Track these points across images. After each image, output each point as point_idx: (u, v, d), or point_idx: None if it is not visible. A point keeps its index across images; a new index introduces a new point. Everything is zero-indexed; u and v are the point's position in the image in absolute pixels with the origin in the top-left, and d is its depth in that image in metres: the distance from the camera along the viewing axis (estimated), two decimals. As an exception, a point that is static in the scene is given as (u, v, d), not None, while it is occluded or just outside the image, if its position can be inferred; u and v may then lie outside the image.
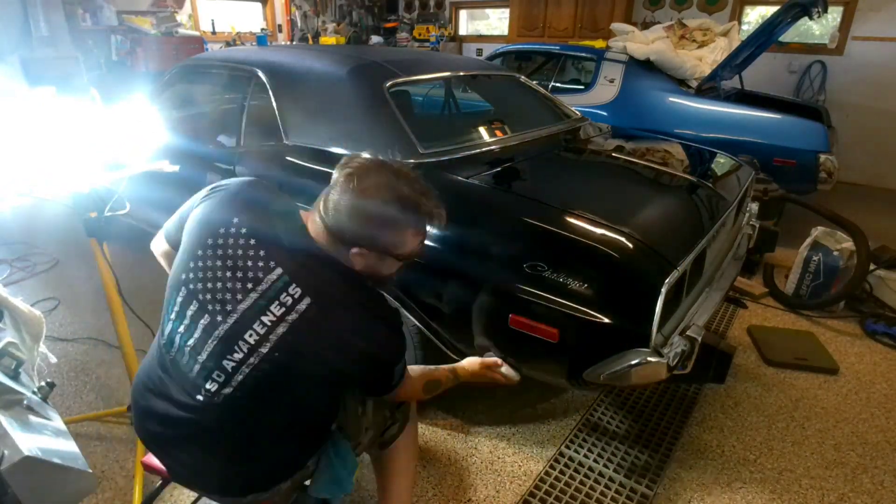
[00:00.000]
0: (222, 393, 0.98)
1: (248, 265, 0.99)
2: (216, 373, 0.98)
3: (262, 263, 0.98)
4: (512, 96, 2.73)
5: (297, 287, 0.97)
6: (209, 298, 1.00)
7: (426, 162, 1.75)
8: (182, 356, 1.02)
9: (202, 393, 0.99)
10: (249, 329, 0.97)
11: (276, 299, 0.97)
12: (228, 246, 1.01)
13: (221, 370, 0.98)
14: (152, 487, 1.64)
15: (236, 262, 0.99)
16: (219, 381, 0.98)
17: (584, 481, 1.69)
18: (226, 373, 0.98)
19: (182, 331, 1.02)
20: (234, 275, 0.99)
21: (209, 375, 0.99)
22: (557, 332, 1.39)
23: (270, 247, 1.00)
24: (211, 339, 0.99)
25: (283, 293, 0.97)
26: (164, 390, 1.04)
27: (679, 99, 3.77)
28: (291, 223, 1.04)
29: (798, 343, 2.44)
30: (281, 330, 0.96)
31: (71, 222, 2.98)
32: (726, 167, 2.25)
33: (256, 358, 0.97)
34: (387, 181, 0.98)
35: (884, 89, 4.77)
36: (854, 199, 4.64)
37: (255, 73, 2.16)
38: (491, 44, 6.76)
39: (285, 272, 0.98)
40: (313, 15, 7.10)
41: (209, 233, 1.03)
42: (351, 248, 0.99)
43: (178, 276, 1.05)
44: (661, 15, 5.64)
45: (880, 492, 1.70)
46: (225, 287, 0.99)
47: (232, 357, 0.97)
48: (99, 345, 2.34)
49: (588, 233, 1.44)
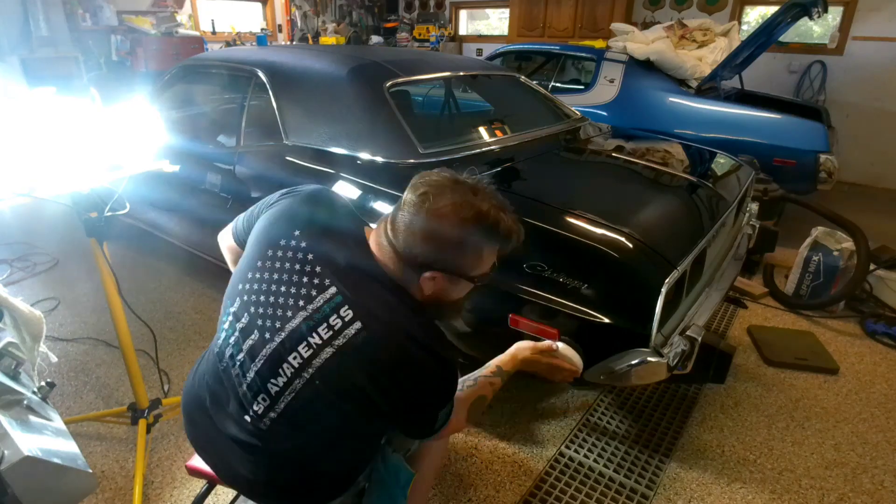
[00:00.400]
0: (269, 416, 0.94)
1: (302, 281, 0.93)
2: (262, 395, 0.94)
3: (318, 281, 0.93)
4: (512, 96, 2.73)
5: (350, 310, 0.90)
6: (260, 313, 0.95)
7: (426, 162, 1.75)
8: (232, 370, 0.99)
9: (250, 414, 0.96)
10: (294, 351, 0.91)
11: (325, 321, 0.90)
12: (286, 259, 0.96)
13: (266, 393, 0.94)
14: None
15: (291, 277, 0.94)
16: (264, 404, 0.94)
17: (584, 481, 1.69)
18: (270, 397, 0.94)
19: (232, 343, 0.99)
20: (288, 290, 0.94)
21: (255, 396, 0.95)
22: (557, 333, 1.39)
23: (328, 264, 0.94)
24: (258, 358, 0.95)
25: (334, 315, 0.90)
26: (216, 398, 1.02)
27: (679, 99, 3.77)
28: (354, 241, 0.97)
29: (798, 343, 2.44)
30: (325, 355, 0.89)
31: (71, 222, 2.98)
32: (726, 167, 2.25)
33: (298, 383, 0.91)
34: (464, 199, 0.89)
35: (884, 89, 4.77)
36: (854, 199, 4.64)
37: (255, 73, 2.16)
38: (491, 44, 6.76)
39: (339, 292, 0.91)
40: (313, 15, 7.10)
41: (270, 244, 0.99)
42: (423, 273, 0.92)
43: (236, 285, 1.02)
44: (661, 15, 5.64)
45: (880, 492, 1.70)
46: (277, 303, 0.94)
47: (276, 381, 0.93)
48: (99, 345, 2.34)
49: (588, 233, 1.44)
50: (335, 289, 0.92)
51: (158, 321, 2.46)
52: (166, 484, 1.65)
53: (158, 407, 1.75)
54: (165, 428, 1.84)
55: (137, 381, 1.68)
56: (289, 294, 0.94)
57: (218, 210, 2.22)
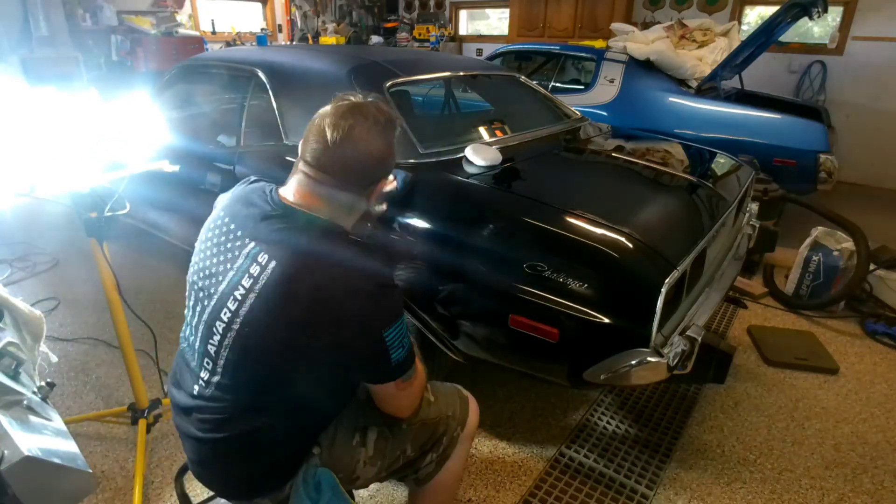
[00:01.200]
0: (212, 381, 0.97)
1: (227, 247, 0.99)
2: (206, 360, 0.98)
3: (239, 242, 0.97)
4: (512, 96, 2.73)
5: (265, 253, 0.93)
6: (199, 286, 1.01)
7: (426, 162, 1.75)
8: (188, 347, 1.05)
9: (199, 382, 1.00)
10: (224, 307, 0.95)
11: (246, 272, 0.93)
12: (214, 236, 1.02)
13: (209, 356, 0.97)
14: (152, 487, 1.64)
15: (219, 248, 1.00)
16: (208, 368, 0.98)
17: (584, 481, 1.69)
18: (211, 359, 0.97)
19: (187, 322, 1.06)
20: (217, 259, 0.99)
21: (201, 363, 0.99)
22: (558, 332, 1.39)
23: (247, 226, 0.99)
24: (200, 325, 1.00)
25: (253, 263, 0.93)
26: (180, 381, 1.07)
27: (679, 99, 3.77)
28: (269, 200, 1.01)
29: (798, 343, 2.44)
30: (249, 301, 0.92)
31: (71, 222, 2.98)
32: (726, 167, 2.25)
33: (230, 337, 0.94)
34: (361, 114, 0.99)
35: (884, 89, 4.77)
36: (854, 199, 4.64)
37: (256, 73, 2.16)
38: (491, 44, 6.76)
39: (256, 244, 0.95)
40: (313, 15, 7.10)
41: (204, 230, 1.07)
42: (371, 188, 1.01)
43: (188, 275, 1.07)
44: (661, 15, 5.64)
45: (880, 492, 1.70)
46: (210, 273, 1.00)
47: (213, 340, 0.96)
48: (99, 345, 2.34)
49: (588, 233, 1.44)
50: (253, 242, 0.96)
51: (158, 321, 2.46)
52: (166, 484, 1.65)
53: (158, 407, 1.75)
54: (165, 428, 1.84)
55: (137, 381, 1.68)
56: (218, 262, 0.99)
57: (218, 210, 2.21)
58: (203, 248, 1.04)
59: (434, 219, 1.60)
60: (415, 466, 1.18)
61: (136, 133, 1.46)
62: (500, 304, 1.47)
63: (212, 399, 0.98)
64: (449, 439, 1.19)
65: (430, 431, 1.16)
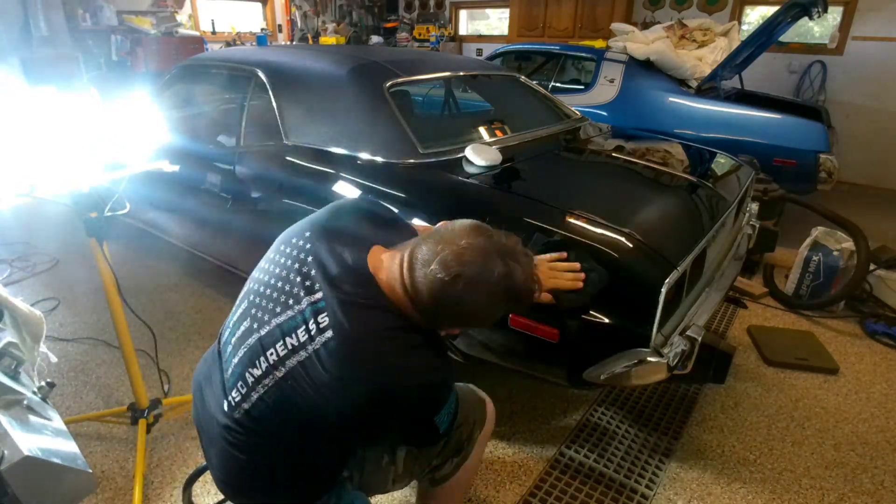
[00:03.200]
0: (242, 407, 0.94)
1: (296, 281, 0.92)
2: (240, 383, 0.94)
3: (309, 283, 0.91)
4: (512, 96, 2.73)
5: (327, 317, 0.87)
6: (256, 303, 0.97)
7: (426, 162, 1.75)
8: (225, 352, 1.01)
9: (227, 400, 0.96)
10: (272, 347, 0.91)
11: (305, 324, 0.88)
12: (290, 256, 0.96)
13: (244, 382, 0.94)
14: (152, 487, 1.64)
15: (289, 274, 0.94)
16: (241, 392, 0.94)
17: (584, 481, 1.69)
18: (247, 386, 0.93)
19: (230, 325, 1.02)
20: (283, 286, 0.94)
21: (235, 383, 0.95)
22: (558, 332, 1.39)
23: (323, 268, 0.92)
24: (243, 346, 0.96)
25: (313, 320, 0.88)
26: (209, 376, 1.05)
27: (679, 99, 3.76)
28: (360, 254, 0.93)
29: (798, 343, 2.44)
30: (298, 358, 0.88)
31: (71, 222, 2.98)
32: (726, 167, 2.25)
33: (271, 380, 0.90)
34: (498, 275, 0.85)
35: (884, 89, 4.77)
36: (854, 199, 4.64)
37: (255, 73, 2.16)
38: (491, 44, 6.76)
39: (324, 298, 0.89)
40: (313, 15, 7.10)
41: (283, 240, 1.01)
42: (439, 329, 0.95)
43: (252, 273, 1.04)
44: (661, 15, 5.64)
45: (880, 492, 1.70)
46: (271, 296, 0.95)
47: (253, 372, 0.93)
48: (99, 345, 2.34)
49: (588, 233, 1.44)
50: (321, 294, 0.89)
51: (158, 321, 2.46)
52: (166, 484, 1.65)
53: (158, 407, 1.75)
54: (165, 428, 1.84)
55: (137, 381, 1.68)
56: (282, 290, 0.94)
57: (218, 210, 2.22)
58: (276, 258, 0.98)
59: (434, 219, 1.60)
60: (436, 470, 1.19)
61: (135, 133, 1.46)
62: (500, 304, 1.47)
63: (239, 423, 0.95)
64: (469, 443, 1.20)
65: (455, 440, 1.17)
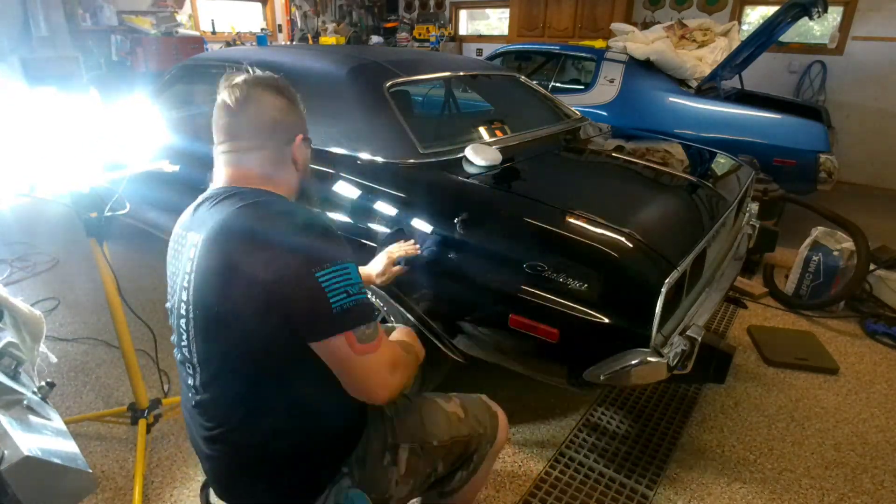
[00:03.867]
0: (198, 385, 0.95)
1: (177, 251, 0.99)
2: (187, 366, 0.97)
3: (183, 240, 0.98)
4: (512, 96, 2.73)
5: (196, 233, 0.93)
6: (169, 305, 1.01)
7: (426, 162, 1.75)
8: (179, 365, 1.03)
9: (191, 391, 0.98)
10: (180, 303, 0.94)
11: (189, 259, 0.93)
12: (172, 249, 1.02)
13: (187, 361, 0.96)
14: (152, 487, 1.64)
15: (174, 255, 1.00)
16: (191, 372, 0.96)
17: (584, 481, 1.69)
18: (189, 360, 0.95)
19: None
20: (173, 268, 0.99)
21: (186, 371, 0.98)
22: (558, 332, 1.39)
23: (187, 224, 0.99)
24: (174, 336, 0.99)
25: (192, 248, 0.93)
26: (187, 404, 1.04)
27: (679, 99, 3.77)
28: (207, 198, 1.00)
29: (798, 343, 2.44)
30: (192, 284, 0.91)
31: (71, 222, 2.98)
32: (726, 167, 2.25)
33: (191, 329, 0.92)
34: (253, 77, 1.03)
35: (884, 89, 4.77)
36: (854, 199, 4.65)
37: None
38: (491, 44, 6.76)
39: (194, 230, 0.95)
40: (313, 15, 7.10)
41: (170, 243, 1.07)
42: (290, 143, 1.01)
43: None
44: (661, 15, 5.64)
45: (880, 492, 1.70)
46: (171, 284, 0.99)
47: (183, 340, 0.95)
48: (99, 345, 2.34)
49: (588, 233, 1.44)
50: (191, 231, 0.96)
51: (158, 321, 2.46)
52: (166, 484, 1.65)
53: (158, 407, 1.75)
54: (165, 428, 1.84)
55: (137, 381, 1.68)
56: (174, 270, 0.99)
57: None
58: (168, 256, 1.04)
59: (434, 219, 1.60)
60: (444, 483, 1.17)
61: (135, 133, 1.46)
62: (500, 303, 1.47)
63: (207, 405, 0.95)
64: (479, 457, 1.18)
65: (462, 448, 1.15)
